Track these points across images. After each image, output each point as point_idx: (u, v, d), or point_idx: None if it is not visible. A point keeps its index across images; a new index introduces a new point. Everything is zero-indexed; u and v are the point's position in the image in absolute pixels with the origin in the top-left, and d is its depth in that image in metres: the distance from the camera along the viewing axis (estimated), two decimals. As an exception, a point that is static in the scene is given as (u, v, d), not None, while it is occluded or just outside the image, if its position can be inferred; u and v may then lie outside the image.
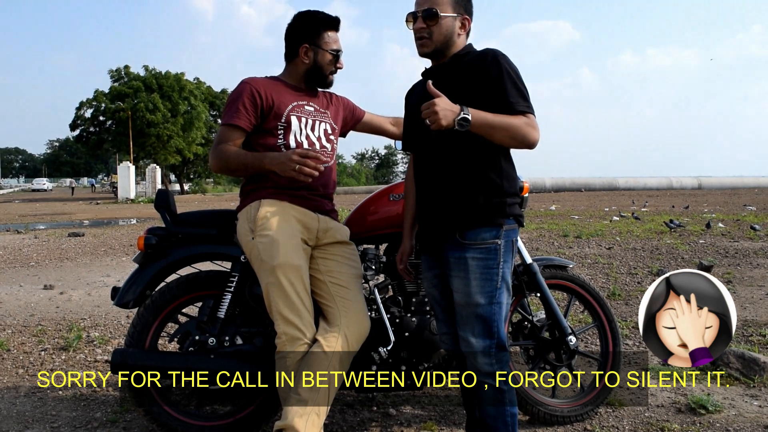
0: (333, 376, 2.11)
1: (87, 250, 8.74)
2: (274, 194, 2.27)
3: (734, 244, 8.53)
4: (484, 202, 1.96)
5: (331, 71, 2.41)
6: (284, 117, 2.31)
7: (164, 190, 2.54)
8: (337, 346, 2.12)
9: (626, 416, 2.73)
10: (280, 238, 2.17)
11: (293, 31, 2.37)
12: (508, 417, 2.01)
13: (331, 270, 2.27)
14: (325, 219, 2.35)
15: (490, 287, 1.96)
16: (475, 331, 1.99)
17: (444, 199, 2.01)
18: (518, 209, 2.06)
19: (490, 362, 1.99)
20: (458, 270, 1.99)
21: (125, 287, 2.42)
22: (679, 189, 38.30)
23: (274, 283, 2.15)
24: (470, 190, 1.97)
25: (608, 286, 5.64)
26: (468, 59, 2.01)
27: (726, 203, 20.37)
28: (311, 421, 2.07)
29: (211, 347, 2.36)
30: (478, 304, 1.96)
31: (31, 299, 5.30)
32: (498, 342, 2.00)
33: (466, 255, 1.96)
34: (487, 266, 1.96)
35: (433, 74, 2.07)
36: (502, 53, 1.95)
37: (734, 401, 2.86)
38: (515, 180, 2.05)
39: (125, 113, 34.72)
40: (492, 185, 1.98)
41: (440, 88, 1.94)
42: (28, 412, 2.80)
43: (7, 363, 3.49)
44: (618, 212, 15.21)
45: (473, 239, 1.96)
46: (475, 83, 1.93)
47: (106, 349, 3.74)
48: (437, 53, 2.04)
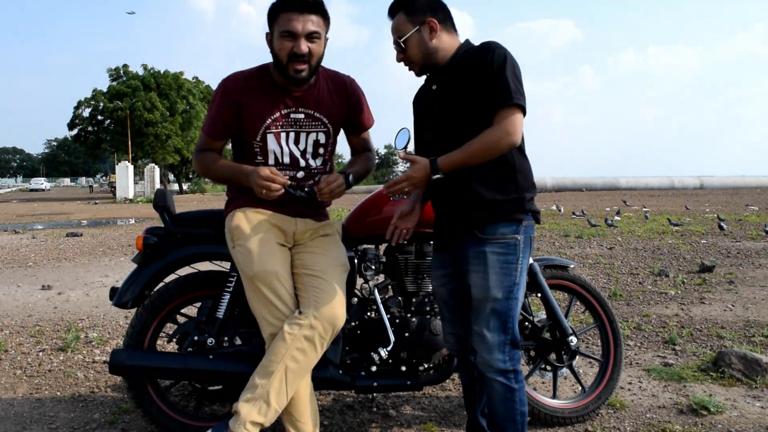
0: (290, 365, 2.03)
1: (85, 250, 8.72)
2: (251, 203, 2.23)
3: (736, 244, 8.52)
4: (502, 198, 1.95)
5: (291, 58, 2.07)
6: (259, 136, 2.18)
7: (163, 189, 2.52)
8: (300, 333, 2.04)
9: (627, 417, 2.72)
10: (253, 247, 2.12)
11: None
12: (518, 416, 1.99)
13: (305, 262, 2.20)
14: (303, 221, 2.27)
15: (508, 282, 1.95)
16: (490, 326, 1.96)
17: (462, 198, 1.98)
18: (535, 206, 2.04)
19: (503, 359, 1.97)
20: (477, 264, 1.97)
21: (124, 287, 2.40)
22: (681, 189, 38.30)
23: (254, 291, 2.12)
24: (488, 187, 1.95)
25: (609, 286, 5.63)
26: (466, 57, 1.99)
27: (728, 203, 20.37)
28: (258, 408, 2.01)
29: (209, 348, 2.34)
30: (496, 298, 1.94)
31: (29, 300, 5.28)
32: (512, 338, 1.98)
33: (485, 249, 1.95)
34: (507, 261, 1.95)
35: (435, 79, 2.07)
36: (498, 44, 1.94)
37: (736, 402, 2.85)
38: (530, 175, 2.04)
39: (123, 112, 34.70)
40: (508, 181, 1.97)
41: (444, 92, 2.01)
42: (26, 413, 2.78)
43: (5, 364, 3.47)
44: (612, 215, 15.18)
45: (492, 234, 1.95)
46: (476, 78, 1.92)
47: (104, 350, 3.72)
48: (427, 67, 2.06)
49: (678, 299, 5.08)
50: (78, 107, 37.87)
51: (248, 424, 2.00)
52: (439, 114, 2.04)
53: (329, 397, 2.97)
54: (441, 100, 2.03)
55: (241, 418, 2.00)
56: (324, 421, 2.66)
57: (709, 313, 4.61)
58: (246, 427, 1.99)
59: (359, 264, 2.48)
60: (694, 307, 4.82)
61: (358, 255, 2.50)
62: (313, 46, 2.09)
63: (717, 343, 3.81)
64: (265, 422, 2.03)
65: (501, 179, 1.96)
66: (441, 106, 2.03)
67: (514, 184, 1.97)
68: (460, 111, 1.96)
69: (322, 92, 2.25)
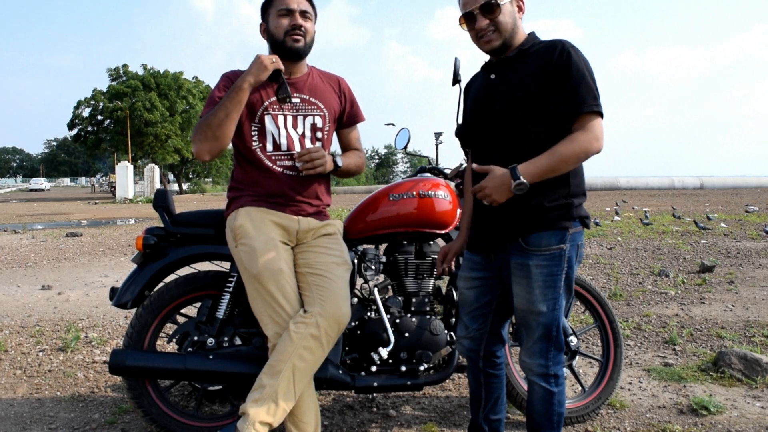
0: (297, 364, 2.03)
1: (85, 251, 8.72)
2: (253, 202, 2.24)
3: (736, 244, 8.53)
4: (549, 204, 1.83)
5: (287, 32, 2.19)
6: (257, 117, 2.24)
7: (163, 189, 2.52)
8: (306, 332, 2.04)
9: (627, 417, 2.72)
10: (258, 245, 2.13)
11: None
12: (554, 416, 1.97)
13: (308, 261, 2.21)
14: (306, 220, 2.28)
15: (553, 295, 1.86)
16: (535, 336, 1.91)
17: (506, 201, 1.83)
18: (585, 210, 1.92)
19: (545, 364, 1.93)
20: (520, 276, 1.88)
21: (123, 287, 2.40)
22: (681, 189, 38.31)
23: (257, 290, 2.12)
24: (534, 191, 1.80)
25: (609, 286, 5.63)
26: (534, 51, 1.85)
27: (728, 203, 20.38)
28: (266, 408, 2.01)
29: (209, 348, 2.34)
30: (540, 312, 1.87)
31: (29, 300, 5.28)
32: (556, 344, 1.93)
33: (529, 263, 1.84)
34: (551, 273, 1.84)
35: (495, 68, 1.94)
36: (571, 45, 1.81)
37: (736, 402, 2.85)
38: (583, 178, 1.92)
39: (123, 112, 34.69)
40: (558, 185, 1.83)
41: (505, 84, 1.88)
42: (26, 413, 2.78)
43: (5, 364, 3.47)
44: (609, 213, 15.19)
45: (537, 245, 1.84)
46: (543, 79, 1.80)
47: (104, 350, 3.72)
48: (503, 47, 1.89)
49: (678, 299, 5.08)
50: (78, 107, 37.87)
51: (257, 424, 2.00)
52: (499, 106, 1.89)
53: (329, 397, 2.97)
54: (504, 91, 1.89)
55: (250, 419, 2.00)
56: (324, 421, 2.66)
57: (709, 313, 4.61)
58: (255, 428, 1.99)
59: (359, 264, 2.49)
60: (694, 307, 4.82)
61: (358, 255, 2.50)
62: (306, 24, 2.24)
63: (717, 343, 3.81)
64: (273, 422, 2.03)
65: (553, 183, 1.82)
66: (503, 98, 1.88)
67: (566, 188, 1.85)
68: (526, 105, 1.82)
69: (316, 81, 2.36)
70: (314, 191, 2.32)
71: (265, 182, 2.25)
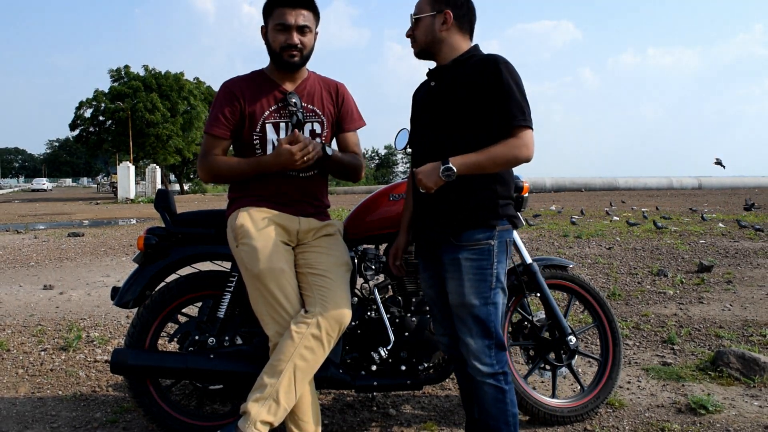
0: (298, 364, 2.05)
1: (87, 250, 8.74)
2: (254, 202, 2.27)
3: (734, 244, 8.53)
4: (475, 204, 1.97)
5: (283, 47, 2.23)
6: (259, 126, 2.28)
7: (164, 190, 2.53)
8: (308, 331, 2.06)
9: (626, 416, 2.73)
10: (259, 245, 2.15)
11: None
12: (509, 417, 2.01)
13: (309, 262, 2.23)
14: (307, 220, 2.31)
15: (484, 288, 1.97)
16: (472, 332, 1.99)
17: (438, 201, 2.01)
18: (512, 210, 2.06)
19: (490, 362, 2.00)
20: (453, 271, 1.99)
21: (125, 287, 2.42)
22: (680, 189, 38.29)
23: (258, 289, 2.14)
24: (462, 193, 1.97)
25: (608, 286, 5.64)
26: (470, 64, 2.00)
27: (726, 203, 20.37)
28: (267, 407, 2.02)
29: (210, 347, 2.36)
30: (473, 305, 1.97)
31: (31, 299, 5.30)
32: (496, 342, 2.00)
33: (459, 256, 1.97)
34: (481, 267, 1.97)
35: (436, 75, 2.09)
36: (504, 60, 1.95)
37: (734, 401, 2.86)
38: (509, 182, 2.05)
39: (124, 113, 34.71)
40: (483, 188, 1.98)
41: (441, 92, 2.02)
42: (27, 412, 2.79)
43: (7, 363, 3.49)
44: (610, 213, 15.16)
45: (467, 240, 1.97)
46: (475, 90, 1.94)
47: (105, 349, 3.73)
48: (425, 53, 2.10)
49: (676, 299, 5.10)
50: (79, 108, 37.89)
51: (258, 423, 2.01)
52: (434, 111, 2.05)
53: (329, 396, 2.98)
54: (438, 98, 2.04)
55: (251, 418, 2.01)
56: (324, 420, 2.67)
57: (707, 312, 4.63)
58: (256, 427, 2.01)
59: (359, 264, 2.50)
60: (693, 306, 4.83)
61: (358, 255, 2.52)
62: (304, 38, 2.26)
63: (715, 343, 3.82)
64: (274, 422, 2.04)
65: (477, 186, 1.97)
66: (437, 104, 2.04)
67: (491, 191, 1.98)
68: (456, 113, 1.98)
69: (314, 87, 2.38)
70: (314, 192, 2.36)
71: (266, 183, 2.28)
